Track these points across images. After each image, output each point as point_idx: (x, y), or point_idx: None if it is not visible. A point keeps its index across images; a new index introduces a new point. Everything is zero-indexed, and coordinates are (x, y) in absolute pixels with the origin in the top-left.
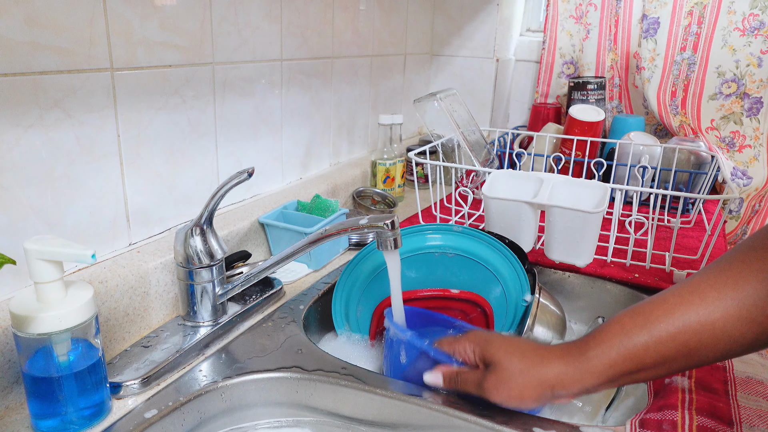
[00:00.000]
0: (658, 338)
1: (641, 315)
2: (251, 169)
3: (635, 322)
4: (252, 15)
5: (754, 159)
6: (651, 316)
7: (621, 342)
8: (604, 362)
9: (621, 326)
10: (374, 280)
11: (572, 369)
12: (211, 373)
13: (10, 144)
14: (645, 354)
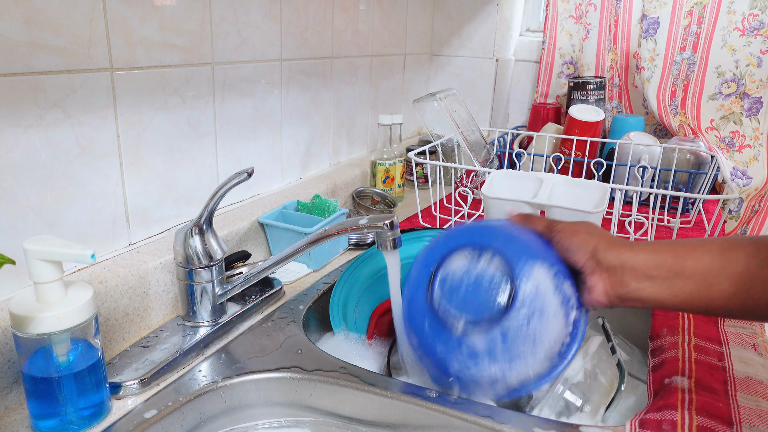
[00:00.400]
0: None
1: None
2: (251, 169)
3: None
4: (252, 15)
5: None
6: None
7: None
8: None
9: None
10: (375, 282)
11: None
12: (211, 373)
13: (9, 144)
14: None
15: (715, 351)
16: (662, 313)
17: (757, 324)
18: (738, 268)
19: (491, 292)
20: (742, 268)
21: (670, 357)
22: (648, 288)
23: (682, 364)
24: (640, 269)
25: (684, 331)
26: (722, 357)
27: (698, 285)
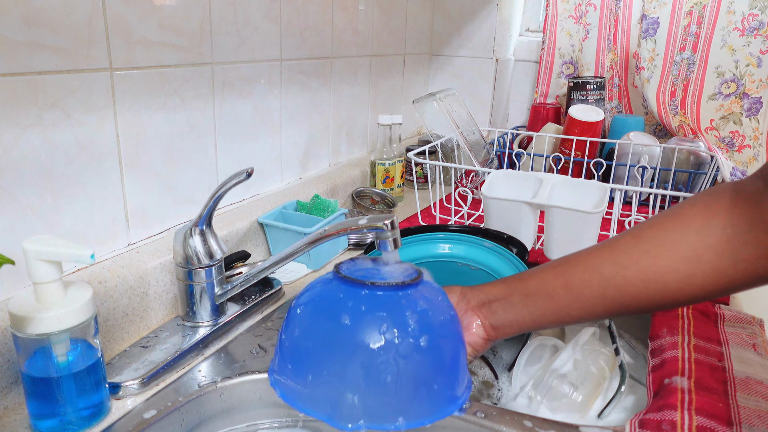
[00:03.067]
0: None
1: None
2: (250, 169)
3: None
4: (251, 15)
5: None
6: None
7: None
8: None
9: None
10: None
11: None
12: (211, 373)
13: (8, 144)
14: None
15: (714, 351)
16: (662, 313)
17: (756, 324)
18: (573, 282)
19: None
20: (576, 282)
21: (670, 357)
22: (509, 310)
23: (681, 364)
24: (500, 296)
25: (684, 331)
26: (722, 357)
27: (544, 300)
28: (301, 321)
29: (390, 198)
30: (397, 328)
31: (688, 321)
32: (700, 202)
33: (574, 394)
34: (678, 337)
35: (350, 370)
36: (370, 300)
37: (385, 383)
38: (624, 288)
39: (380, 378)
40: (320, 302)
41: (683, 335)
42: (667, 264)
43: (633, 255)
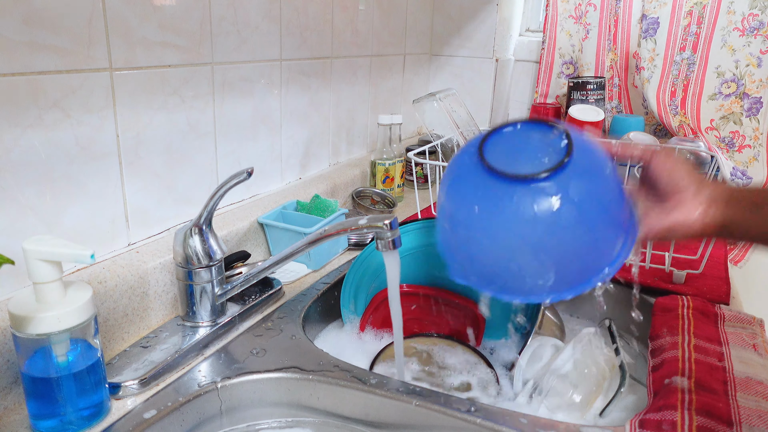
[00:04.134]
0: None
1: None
2: (250, 169)
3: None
4: (251, 15)
5: (753, 159)
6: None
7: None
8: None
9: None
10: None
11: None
12: (210, 373)
13: (8, 144)
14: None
15: (714, 351)
16: (662, 313)
17: (756, 324)
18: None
19: (547, 148)
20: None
21: (670, 357)
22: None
23: (682, 364)
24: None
25: (684, 331)
26: (722, 357)
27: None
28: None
29: (390, 198)
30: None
31: (688, 321)
32: None
33: (574, 394)
34: (678, 337)
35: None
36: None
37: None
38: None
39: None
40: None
41: (683, 335)
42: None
43: None
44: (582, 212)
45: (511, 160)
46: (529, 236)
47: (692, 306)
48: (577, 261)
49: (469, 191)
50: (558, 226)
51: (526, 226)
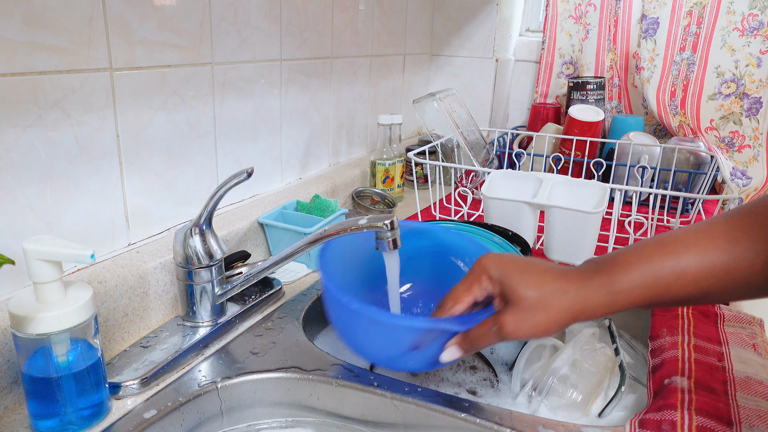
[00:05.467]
0: (682, 270)
1: (661, 245)
2: (250, 169)
3: (656, 250)
4: (251, 15)
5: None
6: (671, 248)
7: (647, 267)
8: (634, 285)
9: (644, 252)
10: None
11: (599, 294)
12: (211, 373)
13: (9, 144)
14: (672, 281)
15: (714, 351)
16: (662, 313)
17: (756, 324)
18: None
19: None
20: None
21: (670, 357)
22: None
23: (681, 364)
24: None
25: (684, 331)
26: (722, 357)
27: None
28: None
29: (390, 198)
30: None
31: (688, 321)
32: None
33: (574, 394)
34: (678, 337)
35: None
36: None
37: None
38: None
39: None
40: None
41: (683, 335)
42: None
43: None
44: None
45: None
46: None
47: (692, 306)
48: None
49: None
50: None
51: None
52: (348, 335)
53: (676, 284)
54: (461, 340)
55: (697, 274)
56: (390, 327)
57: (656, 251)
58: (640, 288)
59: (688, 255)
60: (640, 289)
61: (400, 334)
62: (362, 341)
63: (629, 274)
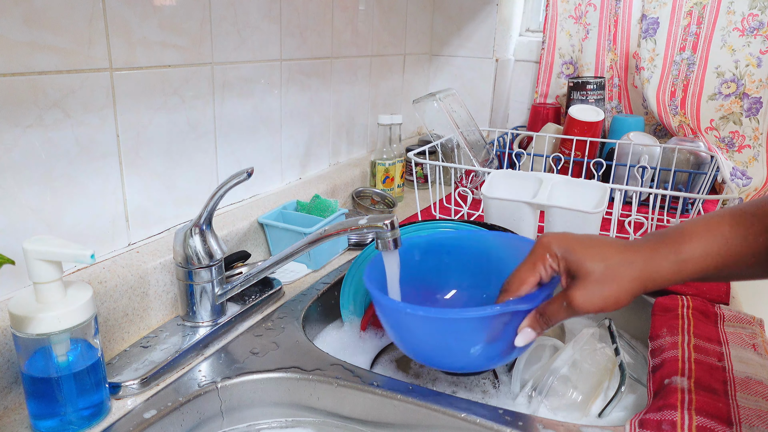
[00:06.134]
0: (753, 240)
1: (731, 216)
2: (250, 169)
3: (725, 221)
4: (251, 15)
5: (753, 159)
6: (741, 219)
7: (718, 235)
8: (705, 252)
9: (711, 222)
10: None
11: (668, 262)
12: (211, 373)
13: (9, 144)
14: (744, 249)
15: (714, 351)
16: (662, 313)
17: (756, 324)
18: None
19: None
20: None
21: (670, 357)
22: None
23: (681, 364)
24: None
25: (684, 331)
26: (722, 357)
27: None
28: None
29: (390, 198)
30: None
31: (688, 321)
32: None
33: (574, 394)
34: (678, 337)
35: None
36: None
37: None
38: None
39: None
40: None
41: (683, 335)
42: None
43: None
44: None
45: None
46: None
47: (692, 306)
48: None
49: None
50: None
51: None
52: (420, 348)
53: (746, 254)
54: (533, 321)
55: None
56: (462, 322)
57: (725, 222)
58: (711, 256)
59: (756, 227)
60: (711, 258)
61: (474, 328)
62: (436, 349)
63: (699, 242)
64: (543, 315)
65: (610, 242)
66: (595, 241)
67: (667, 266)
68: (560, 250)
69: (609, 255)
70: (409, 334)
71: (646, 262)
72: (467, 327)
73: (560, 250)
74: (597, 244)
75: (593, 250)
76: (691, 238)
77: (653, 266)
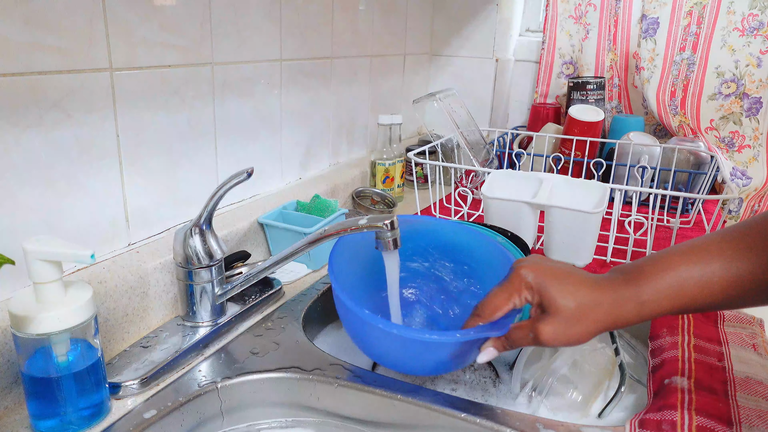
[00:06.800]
0: (708, 279)
1: (685, 254)
2: (250, 169)
3: (680, 260)
4: (251, 15)
5: (753, 159)
6: (695, 257)
7: (673, 276)
8: (661, 295)
9: (669, 262)
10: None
11: (630, 304)
12: (211, 373)
13: (9, 144)
14: (697, 291)
15: (714, 351)
16: None
17: (756, 324)
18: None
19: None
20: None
21: (670, 357)
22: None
23: (681, 364)
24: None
25: (684, 331)
26: (722, 357)
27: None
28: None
29: (390, 198)
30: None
31: (687, 321)
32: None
33: (574, 394)
34: (678, 337)
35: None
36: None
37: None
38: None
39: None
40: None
41: (683, 335)
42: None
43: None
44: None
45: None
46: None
47: None
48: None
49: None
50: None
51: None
52: (378, 353)
53: (702, 293)
54: (497, 342)
55: (722, 283)
56: (432, 344)
57: (681, 261)
58: (667, 298)
59: (713, 264)
60: (666, 300)
61: (445, 349)
62: (395, 358)
63: (656, 283)
64: (508, 338)
65: (582, 279)
66: (569, 277)
67: (629, 308)
68: (536, 282)
69: (581, 294)
70: (377, 344)
71: (611, 305)
72: (439, 347)
73: (536, 282)
74: (570, 280)
75: (567, 288)
76: (650, 278)
77: (618, 309)
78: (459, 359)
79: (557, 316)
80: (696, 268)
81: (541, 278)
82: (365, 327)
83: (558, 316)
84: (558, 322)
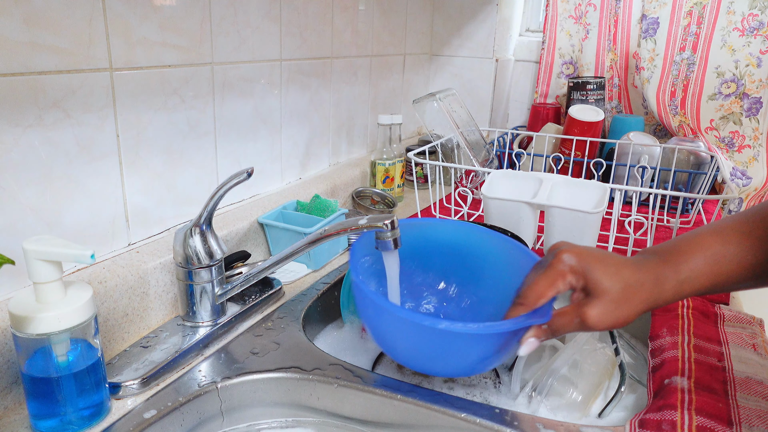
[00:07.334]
0: (743, 255)
1: (717, 233)
2: (250, 169)
3: (715, 239)
4: (251, 15)
5: (753, 159)
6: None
7: (709, 254)
8: (700, 271)
9: (704, 240)
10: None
11: (670, 284)
12: (211, 373)
13: (9, 144)
14: (733, 268)
15: (714, 351)
16: (662, 313)
17: (756, 324)
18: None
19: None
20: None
21: (670, 357)
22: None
23: (681, 364)
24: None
25: (684, 331)
26: (722, 357)
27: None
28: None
29: (390, 198)
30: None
31: (688, 321)
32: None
33: (574, 394)
34: (678, 337)
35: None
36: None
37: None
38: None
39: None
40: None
41: (683, 335)
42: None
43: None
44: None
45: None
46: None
47: (692, 306)
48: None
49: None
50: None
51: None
52: (412, 355)
53: (738, 270)
54: (539, 331)
55: (757, 260)
56: (479, 337)
57: (715, 240)
58: (705, 275)
59: (746, 242)
60: (705, 277)
61: (486, 342)
62: (432, 358)
63: (693, 262)
64: (551, 326)
65: (622, 261)
66: (611, 259)
67: (670, 287)
68: (580, 266)
69: (625, 275)
70: (407, 341)
71: (653, 284)
72: (479, 341)
73: (580, 266)
74: (613, 263)
75: (610, 269)
76: (687, 258)
77: (659, 288)
78: (502, 353)
79: (603, 298)
80: (731, 246)
81: (585, 261)
82: (402, 325)
83: (604, 298)
84: (605, 305)
